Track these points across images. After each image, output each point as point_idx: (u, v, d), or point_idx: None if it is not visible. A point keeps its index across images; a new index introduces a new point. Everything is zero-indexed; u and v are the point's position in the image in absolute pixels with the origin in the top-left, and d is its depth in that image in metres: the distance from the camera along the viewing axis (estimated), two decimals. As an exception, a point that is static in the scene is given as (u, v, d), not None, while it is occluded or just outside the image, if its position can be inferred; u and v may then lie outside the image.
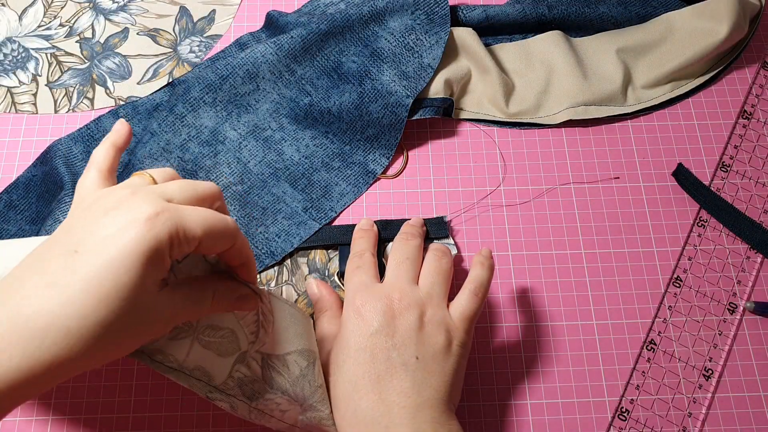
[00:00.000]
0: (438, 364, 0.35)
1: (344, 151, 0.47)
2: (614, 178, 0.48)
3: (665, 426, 0.41)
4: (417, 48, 0.48)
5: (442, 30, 0.48)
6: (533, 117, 0.49)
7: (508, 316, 0.44)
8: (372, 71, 0.47)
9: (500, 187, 0.47)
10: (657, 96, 0.50)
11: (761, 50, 0.52)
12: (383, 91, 0.47)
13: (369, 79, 0.47)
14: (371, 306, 0.36)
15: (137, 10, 0.54)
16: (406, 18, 0.48)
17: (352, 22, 0.49)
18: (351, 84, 0.47)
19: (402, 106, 0.46)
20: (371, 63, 0.48)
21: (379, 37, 0.48)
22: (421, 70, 0.47)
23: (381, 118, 0.47)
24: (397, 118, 0.47)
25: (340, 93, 0.47)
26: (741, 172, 0.48)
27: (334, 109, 0.47)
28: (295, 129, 0.48)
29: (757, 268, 0.45)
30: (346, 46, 0.49)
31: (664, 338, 0.43)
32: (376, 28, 0.49)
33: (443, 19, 0.48)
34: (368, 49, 0.48)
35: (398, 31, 0.48)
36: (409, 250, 0.40)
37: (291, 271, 0.45)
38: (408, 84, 0.47)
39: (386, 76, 0.47)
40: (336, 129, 0.47)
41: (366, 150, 0.47)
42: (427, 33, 0.48)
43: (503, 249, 0.45)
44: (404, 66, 0.47)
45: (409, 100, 0.46)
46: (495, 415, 0.41)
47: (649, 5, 0.52)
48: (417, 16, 0.48)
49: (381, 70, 0.47)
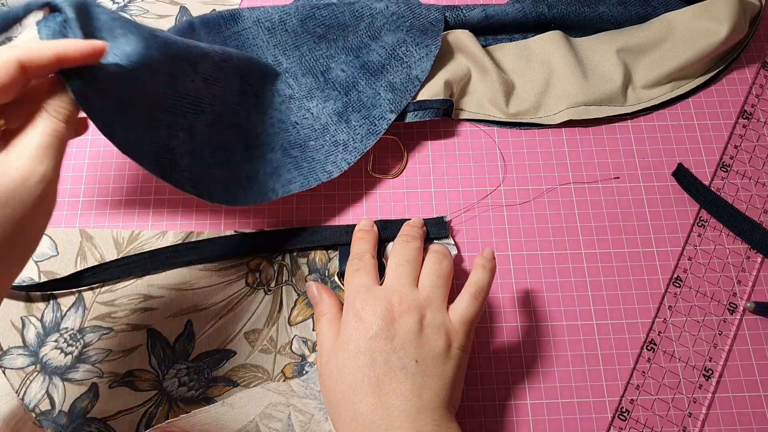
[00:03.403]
0: (438, 367, 0.35)
1: (307, 145, 0.46)
2: (614, 178, 0.48)
3: (665, 426, 0.41)
4: (406, 59, 0.48)
5: (433, 43, 0.48)
6: (533, 117, 0.49)
7: (508, 316, 0.44)
8: (360, 84, 0.47)
9: (500, 187, 0.47)
10: (657, 96, 0.50)
11: (761, 50, 0.52)
12: (368, 103, 0.47)
13: (356, 90, 0.47)
14: (371, 309, 0.36)
15: (137, 11, 0.54)
16: (401, 33, 0.48)
17: (347, 32, 0.49)
18: (337, 92, 0.47)
19: (384, 119, 0.46)
20: (360, 75, 0.48)
21: (372, 51, 0.48)
22: (409, 82, 0.47)
23: (358, 127, 0.46)
24: (374, 129, 0.46)
25: (324, 97, 0.47)
26: (741, 172, 0.48)
27: (314, 110, 0.47)
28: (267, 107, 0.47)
29: (757, 268, 0.45)
30: (337, 53, 0.49)
31: (664, 338, 0.43)
32: (370, 41, 0.49)
33: (435, 32, 0.48)
34: (359, 61, 0.48)
35: (390, 45, 0.48)
36: (409, 252, 0.40)
37: (291, 271, 0.45)
38: (394, 98, 0.47)
39: (372, 89, 0.47)
40: (307, 126, 0.47)
41: (328, 152, 0.46)
42: (418, 45, 0.48)
43: (503, 249, 0.45)
44: (392, 76, 0.47)
45: (392, 115, 0.46)
46: (495, 415, 0.41)
47: (649, 5, 0.52)
48: (411, 30, 0.48)
49: (369, 83, 0.47)
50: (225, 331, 0.43)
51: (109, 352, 0.42)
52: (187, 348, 0.42)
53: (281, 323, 0.43)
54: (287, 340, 0.43)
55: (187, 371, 0.42)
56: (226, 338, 0.43)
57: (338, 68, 0.48)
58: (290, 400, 0.41)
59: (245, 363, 0.42)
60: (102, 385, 0.41)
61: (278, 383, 0.41)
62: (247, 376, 0.42)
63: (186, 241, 0.45)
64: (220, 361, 0.42)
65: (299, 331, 0.43)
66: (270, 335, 0.43)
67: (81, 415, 0.40)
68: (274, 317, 0.43)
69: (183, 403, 0.41)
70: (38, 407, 0.41)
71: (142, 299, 0.44)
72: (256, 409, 0.40)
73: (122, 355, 0.42)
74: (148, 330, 0.43)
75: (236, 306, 0.44)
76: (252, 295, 0.44)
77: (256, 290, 0.44)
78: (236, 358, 0.42)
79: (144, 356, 0.42)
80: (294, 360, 0.42)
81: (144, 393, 0.41)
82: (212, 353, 0.42)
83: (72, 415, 0.40)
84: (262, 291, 0.44)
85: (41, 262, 0.44)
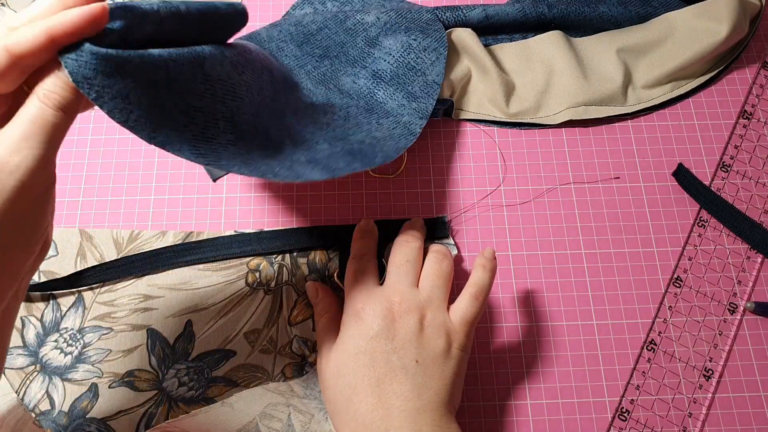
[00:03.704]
0: (438, 368, 0.35)
1: (347, 139, 0.43)
2: (614, 178, 0.48)
3: (665, 426, 0.41)
4: (419, 66, 0.47)
5: (441, 46, 0.48)
6: (533, 117, 0.49)
7: (508, 316, 0.44)
8: (378, 94, 0.47)
9: (500, 187, 0.47)
10: (657, 96, 0.50)
11: (761, 50, 0.52)
12: (393, 112, 0.46)
13: (376, 101, 0.46)
14: (371, 309, 0.36)
15: (137, 11, 0.54)
16: (401, 35, 0.48)
17: (347, 48, 0.48)
18: (356, 100, 0.46)
19: (416, 125, 0.45)
20: (375, 85, 0.47)
21: (378, 60, 0.47)
22: (428, 86, 0.47)
23: (391, 128, 0.45)
24: (409, 131, 0.45)
25: (345, 104, 0.46)
26: (741, 172, 0.48)
27: (340, 113, 0.45)
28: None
29: (758, 268, 0.45)
30: (343, 66, 0.48)
31: (665, 338, 0.43)
32: (372, 50, 0.48)
33: (438, 32, 0.48)
34: (367, 71, 0.47)
35: (396, 50, 0.48)
36: (409, 253, 0.40)
37: (291, 271, 0.45)
38: (418, 106, 0.46)
39: (395, 100, 0.46)
40: (339, 125, 0.44)
41: (372, 144, 0.43)
42: (426, 50, 0.47)
43: (503, 249, 0.45)
44: (410, 86, 0.47)
45: (423, 121, 0.45)
46: (495, 415, 0.41)
47: (649, 5, 0.52)
48: (411, 32, 0.48)
49: (388, 93, 0.47)
50: (225, 331, 0.43)
51: (109, 352, 0.42)
52: (187, 348, 0.42)
53: (281, 323, 0.43)
54: (287, 340, 0.43)
55: (187, 371, 0.42)
56: (226, 338, 0.43)
57: (349, 80, 0.48)
58: (290, 400, 0.41)
59: (245, 363, 0.42)
60: (102, 385, 0.41)
61: (278, 383, 0.41)
62: (247, 376, 0.42)
63: (186, 241, 0.45)
64: (220, 361, 0.42)
65: (299, 331, 0.43)
66: (270, 335, 0.43)
67: (81, 415, 0.40)
68: (274, 317, 0.43)
69: (183, 403, 0.41)
70: (38, 407, 0.41)
71: (142, 299, 0.44)
72: (256, 409, 0.40)
73: (122, 355, 0.42)
74: (148, 330, 0.43)
75: (236, 306, 0.44)
76: (252, 295, 0.44)
77: (256, 290, 0.44)
78: (236, 358, 0.42)
79: (144, 356, 0.42)
80: (294, 360, 0.42)
81: (144, 393, 0.41)
82: (212, 353, 0.42)
83: (72, 415, 0.40)
84: (262, 291, 0.44)
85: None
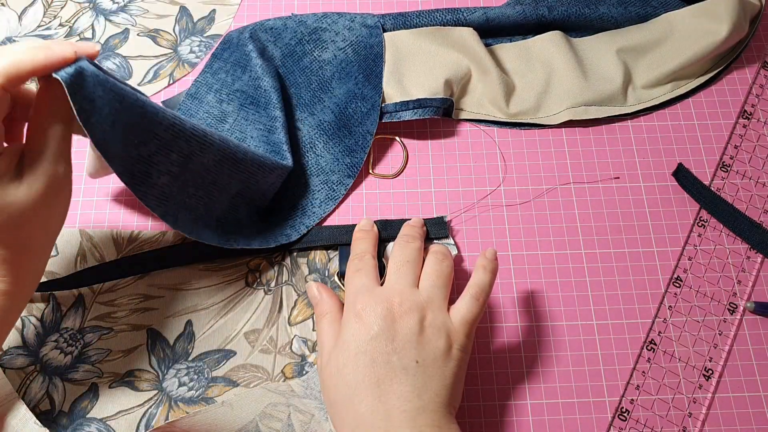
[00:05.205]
0: (438, 368, 0.35)
1: (270, 208, 0.47)
2: (614, 178, 0.48)
3: (665, 426, 0.41)
4: (356, 116, 0.48)
5: (377, 93, 0.48)
6: (533, 117, 0.49)
7: (508, 316, 0.44)
8: (318, 146, 0.48)
9: (500, 187, 0.47)
10: (657, 96, 0.50)
11: (761, 50, 0.52)
12: (326, 168, 0.47)
13: (314, 154, 0.48)
14: (371, 310, 0.36)
15: (137, 11, 0.54)
16: (350, 82, 0.49)
17: (300, 90, 0.49)
18: (296, 155, 0.48)
19: (342, 185, 0.47)
20: (317, 137, 0.48)
21: (325, 109, 0.48)
22: (362, 138, 0.47)
23: (317, 191, 0.47)
24: (333, 195, 0.47)
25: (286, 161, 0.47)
26: (741, 172, 0.48)
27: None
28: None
29: (757, 268, 0.45)
30: (293, 111, 0.49)
31: (665, 338, 0.43)
32: (323, 96, 0.49)
33: (377, 78, 0.48)
34: (314, 119, 0.48)
35: (342, 100, 0.48)
36: (410, 253, 0.40)
37: (291, 271, 0.45)
38: (351, 161, 0.47)
39: (331, 155, 0.47)
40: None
41: (287, 216, 0.46)
42: (363, 99, 0.48)
43: (503, 249, 0.45)
44: (348, 140, 0.48)
45: (350, 180, 0.47)
46: (495, 415, 0.41)
47: (649, 5, 0.52)
48: (358, 75, 0.49)
49: (327, 147, 0.48)
50: (225, 331, 0.43)
51: (109, 352, 0.42)
52: (187, 348, 0.42)
53: (281, 323, 0.43)
54: (287, 340, 0.43)
55: (187, 371, 0.42)
56: (226, 338, 0.43)
57: (294, 126, 0.49)
58: (290, 400, 0.40)
59: (245, 363, 0.42)
60: (102, 385, 0.41)
61: (278, 383, 0.41)
62: (247, 376, 0.42)
63: (186, 241, 0.45)
64: (220, 361, 0.42)
65: (299, 331, 0.43)
66: (270, 335, 0.43)
67: (81, 415, 0.40)
68: (274, 317, 0.43)
69: (183, 403, 0.41)
70: (38, 407, 0.40)
71: (142, 299, 0.44)
72: (256, 409, 0.40)
73: (122, 355, 0.42)
74: (148, 330, 0.43)
75: (236, 306, 0.44)
76: (252, 295, 0.44)
77: (256, 290, 0.44)
78: (236, 358, 0.42)
79: (144, 356, 0.42)
80: (294, 360, 0.42)
81: (144, 393, 0.41)
82: (212, 353, 0.42)
83: (72, 415, 0.40)
84: (262, 291, 0.44)
85: (41, 262, 0.44)
